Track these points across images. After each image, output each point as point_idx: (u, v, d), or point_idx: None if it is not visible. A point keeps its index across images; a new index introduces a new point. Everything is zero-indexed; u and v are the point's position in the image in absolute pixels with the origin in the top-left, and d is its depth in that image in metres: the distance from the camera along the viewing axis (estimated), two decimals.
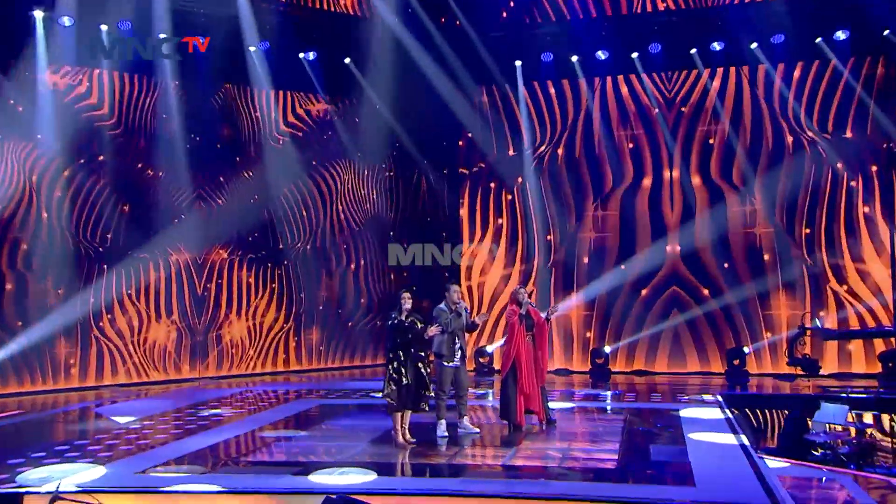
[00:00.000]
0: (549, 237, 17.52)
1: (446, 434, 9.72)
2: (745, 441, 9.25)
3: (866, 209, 15.77)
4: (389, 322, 9.19)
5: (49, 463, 8.62)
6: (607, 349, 16.82)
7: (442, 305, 9.84)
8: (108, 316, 15.74)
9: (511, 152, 17.77)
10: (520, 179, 17.72)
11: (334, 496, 6.49)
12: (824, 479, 8.13)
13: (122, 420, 11.68)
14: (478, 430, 9.95)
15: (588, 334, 17.26)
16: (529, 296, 10.55)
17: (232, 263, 17.19)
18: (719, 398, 12.76)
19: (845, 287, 15.93)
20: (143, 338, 16.22)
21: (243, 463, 8.57)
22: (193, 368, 16.77)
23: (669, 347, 16.81)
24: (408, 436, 9.34)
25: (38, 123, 14.77)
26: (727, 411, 11.49)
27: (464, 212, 18.17)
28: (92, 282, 15.48)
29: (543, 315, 10.33)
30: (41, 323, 14.76)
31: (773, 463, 8.66)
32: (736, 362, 16.29)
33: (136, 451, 9.28)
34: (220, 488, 7.33)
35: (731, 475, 7.62)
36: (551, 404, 11.91)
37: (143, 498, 7.23)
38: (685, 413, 11.37)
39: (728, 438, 9.43)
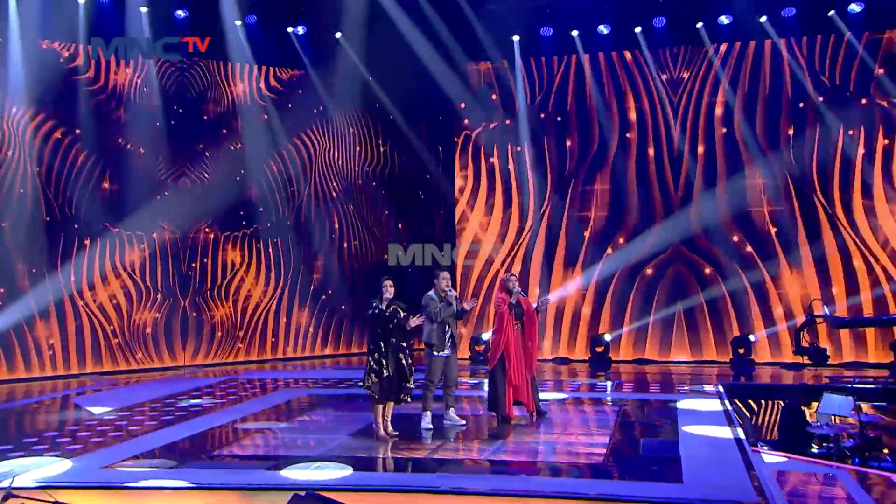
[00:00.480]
0: (543, 210, 17.43)
1: (431, 426, 9.67)
2: (741, 435, 9.17)
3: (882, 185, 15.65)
4: (370, 311, 9.12)
5: (14, 457, 8.58)
6: (608, 337, 16.75)
7: (431, 293, 9.75)
8: (85, 297, 15.74)
9: (507, 122, 17.66)
10: (518, 148, 17.61)
11: (303, 493, 6.47)
12: (823, 475, 8.04)
13: (97, 411, 11.66)
14: (464, 422, 9.89)
15: (588, 321, 17.17)
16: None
17: (217, 241, 17.16)
18: (720, 389, 12.68)
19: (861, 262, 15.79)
20: (125, 322, 16.22)
21: (216, 457, 8.50)
22: (176, 355, 16.78)
23: (673, 335, 16.74)
24: (390, 428, 9.28)
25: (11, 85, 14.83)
26: (726, 403, 11.41)
27: (460, 183, 18.10)
28: (70, 260, 15.49)
29: (534, 305, 10.25)
30: (15, 304, 14.78)
31: (771, 458, 8.60)
32: (741, 351, 16.22)
33: (108, 443, 9.25)
34: (186, 484, 7.28)
35: (722, 471, 7.55)
36: (544, 395, 11.90)
37: (105, 494, 7.17)
38: (682, 404, 11.30)
39: (723, 432, 9.36)
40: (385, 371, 8.95)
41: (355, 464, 7.95)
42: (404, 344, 9.09)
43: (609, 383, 14.11)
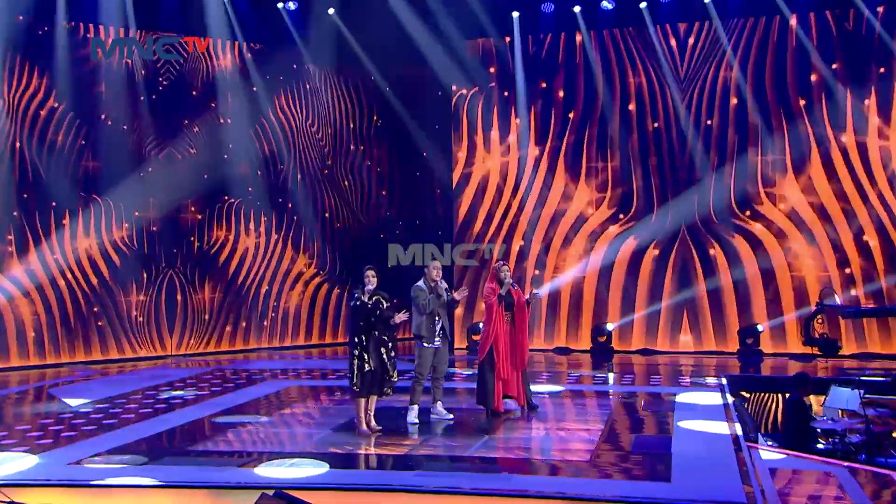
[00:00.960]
0: (542, 189, 17.37)
1: (417, 421, 9.61)
2: (739, 431, 9.09)
3: None
4: (351, 303, 9.04)
5: None
6: (610, 326, 16.67)
7: (420, 283, 9.67)
8: (68, 278, 15.77)
9: (505, 93, 17.55)
10: (517, 120, 17.51)
11: (271, 493, 6.42)
12: (821, 472, 7.97)
13: (74, 403, 11.64)
14: (451, 416, 9.83)
15: (590, 309, 17.09)
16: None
17: (202, 221, 17.16)
18: (723, 381, 12.60)
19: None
20: (111, 308, 16.26)
21: (190, 452, 8.46)
22: (164, 342, 16.80)
23: (679, 324, 16.64)
24: (373, 423, 9.22)
25: None
26: (727, 396, 11.33)
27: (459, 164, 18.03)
28: (50, 237, 15.53)
29: (526, 297, 10.16)
30: None
31: (769, 455, 8.53)
32: (749, 341, 16.13)
33: (79, 438, 9.22)
34: (153, 482, 7.24)
35: (713, 470, 7.47)
36: (540, 387, 11.86)
37: (67, 493, 7.14)
38: (682, 398, 11.23)
39: (720, 427, 9.28)
40: (367, 365, 8.88)
41: (333, 461, 7.90)
42: (386, 337, 9.01)
43: (609, 375, 14.04)
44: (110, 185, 16.00)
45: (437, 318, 9.57)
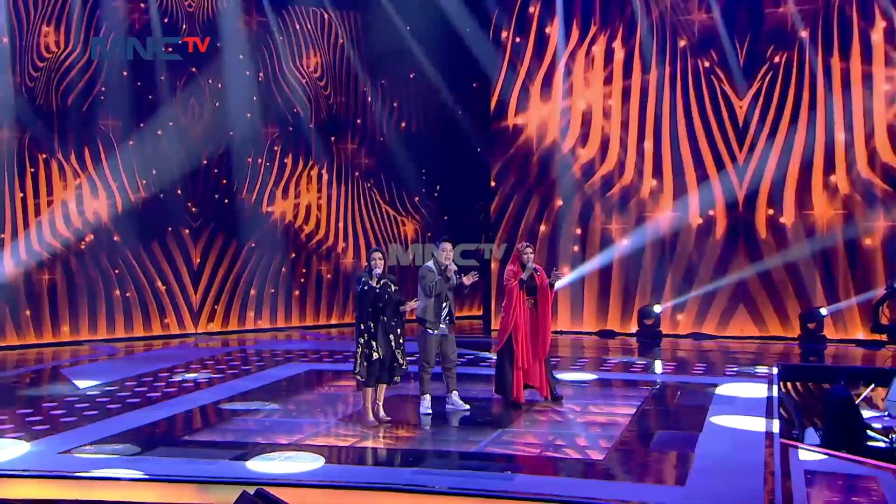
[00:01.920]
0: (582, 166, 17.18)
1: (430, 411, 9.61)
2: (775, 428, 8.92)
3: None
4: (359, 287, 9.02)
5: None
6: (657, 309, 16.46)
7: (430, 264, 9.62)
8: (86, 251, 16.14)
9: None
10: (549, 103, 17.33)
11: (252, 490, 6.49)
12: (864, 477, 7.78)
13: (83, 385, 11.92)
14: (468, 406, 9.81)
15: (638, 290, 16.89)
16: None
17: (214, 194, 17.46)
18: (774, 371, 12.38)
19: None
20: (136, 286, 16.60)
21: (187, 442, 8.59)
22: (185, 323, 17.12)
23: (734, 307, 16.35)
24: (382, 413, 9.25)
25: None
26: (774, 388, 11.12)
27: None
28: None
29: (549, 279, 10.06)
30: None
31: (809, 455, 8.37)
32: (811, 326, 15.80)
33: (78, 424, 9.41)
34: (138, 475, 7.37)
35: (735, 473, 7.33)
36: (570, 375, 11.81)
37: (49, 484, 7.30)
38: (723, 389, 11.05)
39: (757, 424, 9.09)
40: (375, 354, 8.89)
41: (330, 454, 7.96)
42: (395, 323, 9.01)
43: (651, 362, 13.89)
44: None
45: (444, 303, 9.53)
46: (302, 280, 18.31)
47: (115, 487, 7.25)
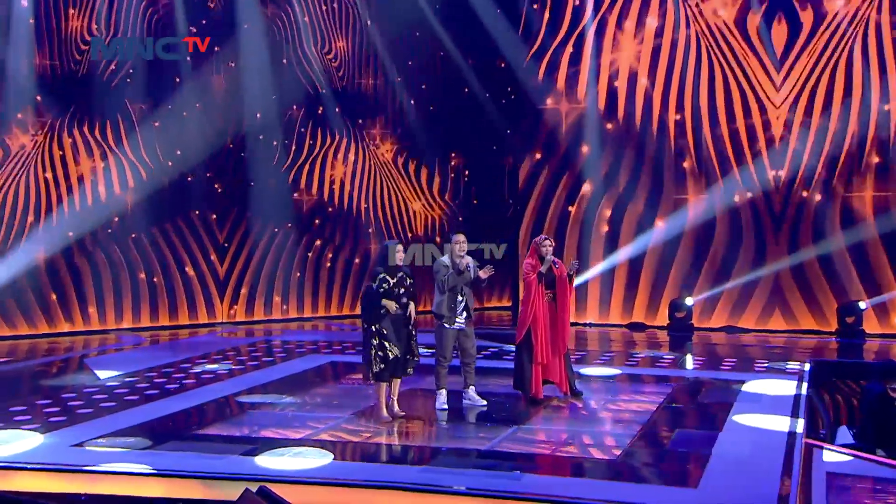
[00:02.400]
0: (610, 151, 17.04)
1: (446, 406, 9.60)
2: (800, 428, 8.79)
3: None
4: (375, 287, 8.92)
5: None
6: (689, 301, 16.28)
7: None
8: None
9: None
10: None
11: (255, 488, 6.53)
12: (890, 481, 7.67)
13: (104, 375, 12.06)
14: (485, 402, 9.78)
15: (669, 282, 16.73)
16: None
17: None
18: (806, 367, 12.21)
19: None
20: (163, 275, 16.80)
21: (198, 437, 8.65)
22: (214, 312, 17.29)
23: (769, 300, 16.13)
24: (396, 408, 9.25)
25: None
26: (804, 385, 10.96)
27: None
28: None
29: (567, 271, 9.98)
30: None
31: (833, 457, 8.25)
32: (850, 320, 15.54)
33: (94, 416, 9.52)
34: (146, 469, 7.44)
35: (751, 475, 7.23)
36: (594, 370, 11.74)
37: (58, 477, 7.39)
38: (749, 386, 10.92)
39: (780, 423, 8.97)
40: (391, 354, 8.88)
41: (339, 450, 7.97)
42: (409, 315, 9.00)
43: (679, 356, 13.76)
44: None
45: (459, 297, 9.48)
46: (329, 265, 18.38)
47: (121, 482, 7.33)
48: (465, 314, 9.56)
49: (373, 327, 8.87)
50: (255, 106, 17.47)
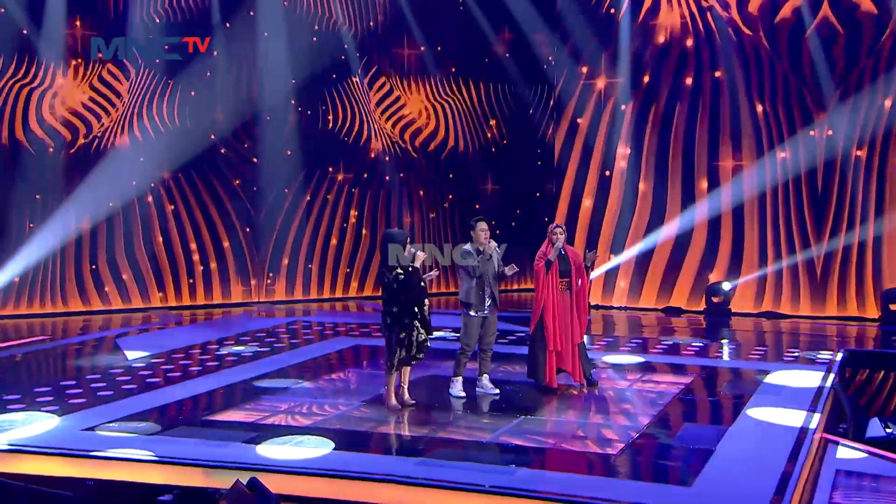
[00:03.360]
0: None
1: (463, 394, 9.67)
2: (814, 423, 8.70)
3: None
4: (394, 276, 8.94)
5: (13, 410, 9.25)
6: (726, 286, 16.10)
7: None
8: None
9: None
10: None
11: (247, 479, 6.69)
12: None
13: (132, 356, 12.37)
14: (497, 391, 9.82)
15: (706, 265, 16.57)
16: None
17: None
18: (838, 356, 12.03)
19: None
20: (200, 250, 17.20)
21: (207, 423, 8.83)
22: (250, 291, 17.57)
23: (810, 284, 15.89)
24: (406, 396, 9.33)
25: None
26: (831, 377, 10.81)
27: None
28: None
29: (583, 260, 9.98)
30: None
31: (849, 454, 8.18)
32: (893, 307, 15.25)
33: (112, 398, 9.76)
34: (148, 456, 7.63)
35: (750, 473, 7.17)
36: (617, 357, 11.73)
37: (63, 462, 7.63)
38: (773, 377, 10.79)
39: (796, 418, 8.86)
40: (414, 341, 8.96)
41: (341, 440, 8.09)
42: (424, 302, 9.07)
43: (708, 343, 13.63)
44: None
45: (486, 286, 9.52)
46: (367, 244, 18.58)
47: (123, 468, 7.52)
48: (490, 302, 9.60)
49: (394, 318, 8.88)
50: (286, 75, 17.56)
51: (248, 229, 17.51)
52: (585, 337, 10.25)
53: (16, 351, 12.97)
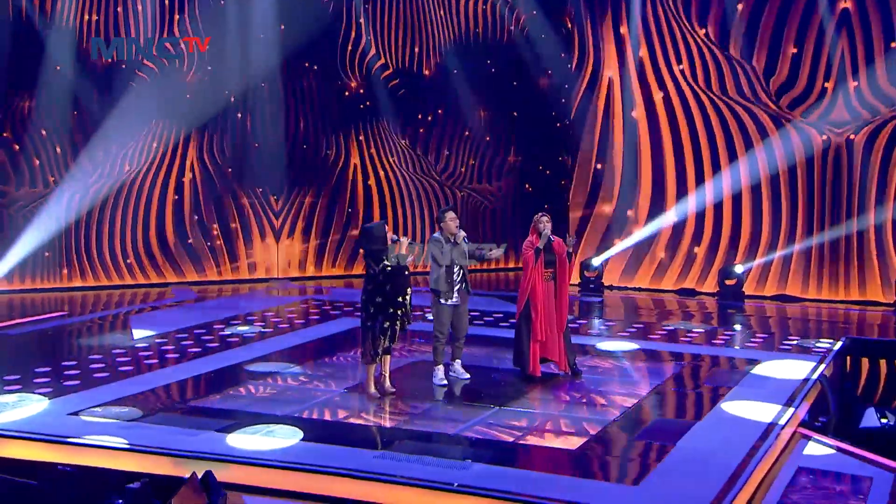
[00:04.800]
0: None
1: (445, 382, 9.92)
2: (785, 419, 8.75)
3: None
4: (381, 266, 9.13)
5: (9, 391, 9.68)
6: (739, 269, 16.07)
7: (437, 235, 9.87)
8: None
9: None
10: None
11: (204, 472, 7.01)
12: (858, 477, 7.66)
13: (139, 335, 12.79)
14: (468, 376, 10.07)
15: (723, 248, 16.55)
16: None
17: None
18: (835, 346, 12.03)
19: None
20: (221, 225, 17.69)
21: (187, 409, 9.14)
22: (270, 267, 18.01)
23: (828, 267, 15.79)
24: (387, 384, 9.58)
25: None
26: (820, 368, 10.83)
27: None
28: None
29: (567, 249, 10.11)
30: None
31: (819, 449, 8.27)
32: None
33: (105, 381, 10.14)
34: (120, 443, 7.97)
35: (703, 473, 7.28)
36: (614, 344, 11.86)
37: (41, 447, 8.00)
38: (761, 368, 10.83)
39: (768, 413, 8.91)
40: (394, 329, 9.25)
41: (311, 430, 8.34)
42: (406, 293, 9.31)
43: (710, 329, 13.67)
44: None
45: (455, 273, 9.74)
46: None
47: (97, 454, 7.86)
48: (461, 290, 9.81)
49: (390, 309, 9.14)
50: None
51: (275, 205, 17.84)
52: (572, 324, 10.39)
53: (30, 328, 13.46)
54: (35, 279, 16.41)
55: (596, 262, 16.65)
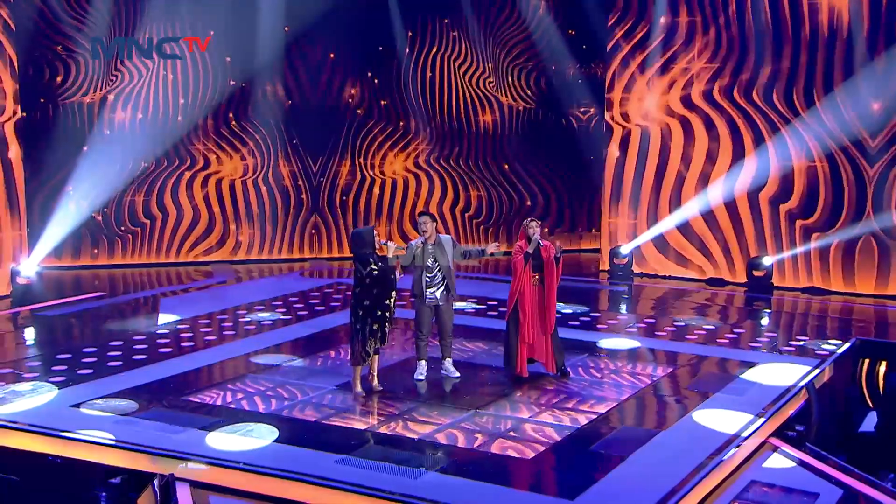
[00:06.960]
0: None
1: (423, 377, 10.51)
2: (751, 430, 8.99)
3: None
4: (369, 270, 9.71)
5: (25, 379, 10.53)
6: (767, 261, 16.14)
7: (414, 241, 10.45)
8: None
9: None
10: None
11: (168, 473, 7.68)
12: (805, 492, 7.93)
13: (163, 320, 13.59)
14: (458, 374, 10.59)
15: (752, 237, 16.63)
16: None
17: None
18: (843, 348, 12.12)
19: None
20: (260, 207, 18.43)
21: (180, 404, 9.72)
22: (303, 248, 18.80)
23: (861, 260, 15.74)
24: (375, 383, 10.17)
25: None
26: (814, 373, 10.95)
27: None
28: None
29: (554, 253, 10.50)
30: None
31: (780, 462, 8.52)
32: None
33: (117, 370, 10.87)
34: (109, 439, 8.68)
35: (643, 489, 7.62)
36: (617, 342, 12.20)
37: (36, 439, 8.74)
38: (752, 373, 10.95)
39: (737, 423, 9.10)
40: (384, 330, 9.83)
41: (288, 430, 8.92)
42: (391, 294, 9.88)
43: (721, 326, 13.83)
44: None
45: (431, 275, 10.27)
46: None
47: (86, 449, 8.57)
48: (441, 291, 10.31)
49: (377, 312, 9.77)
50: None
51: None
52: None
53: (65, 310, 14.36)
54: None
55: (625, 249, 16.88)
